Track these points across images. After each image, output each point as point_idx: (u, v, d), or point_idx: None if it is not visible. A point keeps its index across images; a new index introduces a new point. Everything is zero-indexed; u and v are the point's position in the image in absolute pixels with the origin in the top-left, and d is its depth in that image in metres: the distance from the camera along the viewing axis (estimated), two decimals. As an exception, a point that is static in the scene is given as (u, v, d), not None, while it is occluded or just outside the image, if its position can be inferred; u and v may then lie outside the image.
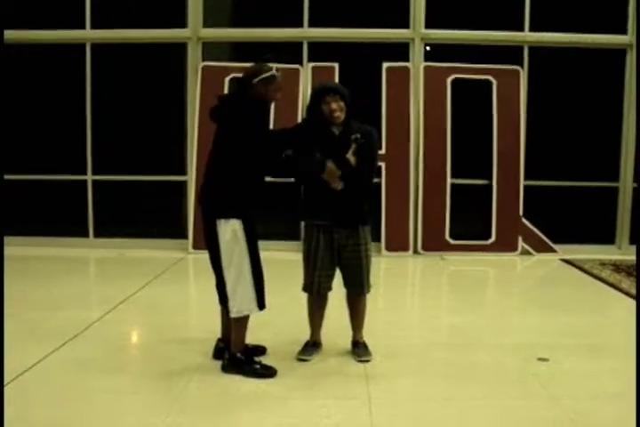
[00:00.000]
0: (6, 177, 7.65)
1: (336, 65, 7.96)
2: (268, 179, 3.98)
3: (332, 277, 4.14)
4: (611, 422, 3.28)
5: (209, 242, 3.87)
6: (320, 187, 3.96)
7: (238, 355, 3.87)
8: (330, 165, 3.84)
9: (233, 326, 3.90)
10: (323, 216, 4.01)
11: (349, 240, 4.04)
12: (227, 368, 3.88)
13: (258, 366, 3.86)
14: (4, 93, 7.84)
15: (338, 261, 4.09)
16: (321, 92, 3.97)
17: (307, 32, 8.17)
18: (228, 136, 3.80)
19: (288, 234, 8.02)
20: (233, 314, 3.83)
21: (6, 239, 7.25)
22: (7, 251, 6.61)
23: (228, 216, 3.73)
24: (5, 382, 3.59)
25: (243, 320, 3.86)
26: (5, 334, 4.12)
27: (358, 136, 3.96)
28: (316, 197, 4.04)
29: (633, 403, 3.17)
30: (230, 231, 3.73)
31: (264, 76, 3.81)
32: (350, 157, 3.90)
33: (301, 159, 3.89)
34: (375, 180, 7.25)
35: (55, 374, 3.87)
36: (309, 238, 4.07)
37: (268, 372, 3.85)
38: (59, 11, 8.34)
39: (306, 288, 4.16)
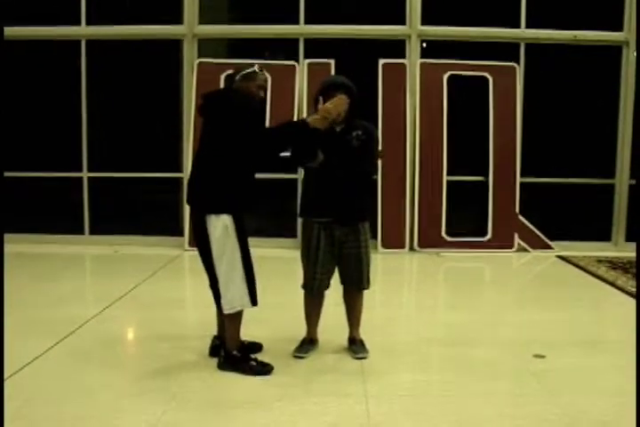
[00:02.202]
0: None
1: (332, 61, 7.96)
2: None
3: (331, 274, 4.13)
4: (608, 418, 3.28)
5: (199, 239, 3.83)
6: (323, 183, 3.96)
7: (234, 352, 3.86)
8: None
9: (226, 323, 3.89)
10: (324, 213, 4.00)
11: (349, 237, 4.03)
12: (223, 366, 3.88)
13: (254, 364, 3.85)
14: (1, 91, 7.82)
15: (337, 257, 4.08)
16: (328, 88, 3.96)
17: (303, 29, 8.15)
18: (214, 131, 3.79)
19: (283, 231, 8.00)
20: (226, 311, 3.80)
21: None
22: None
23: (218, 212, 3.71)
24: (4, 378, 3.58)
25: (236, 317, 3.85)
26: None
27: (359, 133, 3.96)
28: (316, 194, 4.04)
29: (630, 399, 3.17)
30: (221, 226, 3.70)
31: (245, 72, 3.84)
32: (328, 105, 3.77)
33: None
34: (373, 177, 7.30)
35: (52, 370, 3.87)
36: (309, 236, 4.05)
37: (265, 369, 3.84)
38: (54, 7, 8.31)
39: (306, 286, 4.14)
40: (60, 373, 3.83)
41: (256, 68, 3.86)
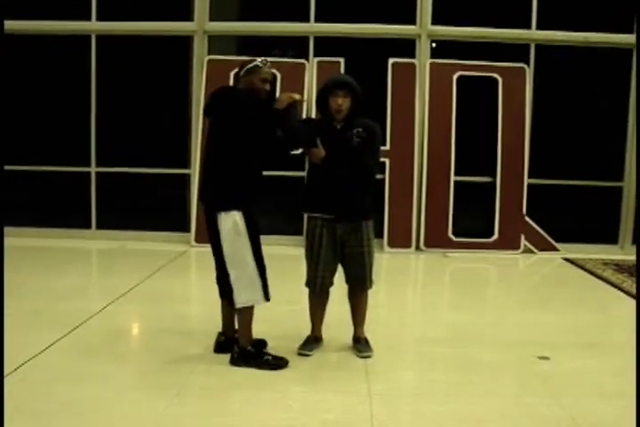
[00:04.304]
0: (11, 168, 7.68)
1: (342, 60, 7.95)
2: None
3: (334, 272, 4.14)
4: (611, 420, 3.28)
5: (211, 236, 3.88)
6: (325, 180, 3.98)
7: (249, 348, 3.88)
8: (319, 148, 3.91)
9: (238, 319, 3.91)
10: (326, 209, 4.01)
11: (352, 235, 4.03)
12: (237, 362, 3.87)
13: (269, 358, 3.87)
14: (10, 85, 7.86)
15: (340, 256, 4.09)
16: (330, 86, 3.98)
17: (313, 27, 8.15)
18: (221, 128, 3.82)
19: (290, 229, 8.01)
20: (238, 305, 3.83)
21: (9, 230, 7.28)
22: (10, 241, 6.62)
23: (228, 209, 3.75)
24: (7, 373, 3.60)
25: (247, 312, 3.87)
26: (7, 324, 4.13)
27: (360, 130, 3.97)
28: (317, 191, 4.05)
29: (632, 402, 3.17)
30: (231, 223, 3.74)
31: (248, 66, 3.87)
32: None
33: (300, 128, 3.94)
34: (379, 176, 7.30)
35: (57, 364, 3.88)
36: (312, 234, 4.07)
37: (280, 362, 3.86)
38: (65, 2, 8.33)
39: (309, 284, 4.15)
40: (64, 366, 3.85)
41: (258, 61, 3.88)
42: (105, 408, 3.27)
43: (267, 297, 3.86)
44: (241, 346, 3.89)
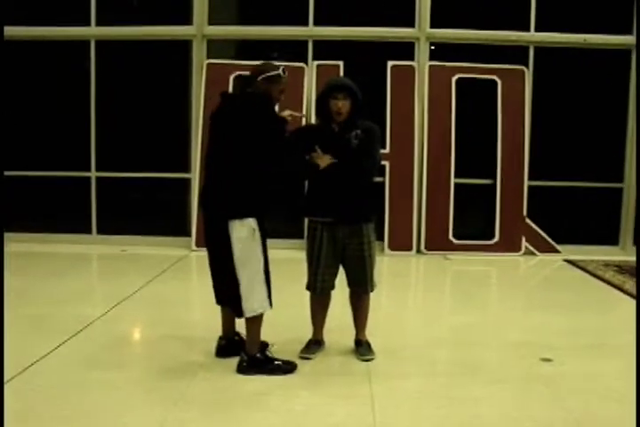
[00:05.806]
0: (11, 173, 7.68)
1: (341, 63, 7.96)
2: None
3: (335, 275, 4.13)
4: (615, 422, 3.28)
5: (217, 244, 3.78)
6: (324, 183, 3.98)
7: (258, 355, 3.84)
8: (315, 154, 3.91)
9: (247, 326, 3.86)
10: (326, 212, 4.00)
11: (353, 238, 4.03)
12: (246, 370, 3.81)
13: (280, 363, 3.86)
14: (11, 91, 7.86)
15: (341, 259, 4.09)
16: (330, 89, 3.97)
17: (312, 30, 8.15)
18: (234, 134, 3.72)
19: (291, 232, 8.01)
20: (248, 314, 3.78)
21: (10, 236, 7.30)
22: (11, 247, 6.64)
23: (243, 216, 3.69)
24: (11, 377, 3.61)
25: (257, 319, 3.83)
26: (9, 330, 4.14)
27: (358, 132, 3.96)
28: (319, 193, 4.05)
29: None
30: (247, 230, 3.68)
31: (269, 74, 3.80)
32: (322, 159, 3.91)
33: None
34: (379, 178, 7.31)
35: (59, 369, 3.88)
36: (313, 236, 4.07)
37: (291, 366, 3.86)
38: (64, 8, 8.34)
39: (309, 287, 4.15)
40: (66, 372, 3.84)
41: (281, 71, 3.82)
42: (107, 415, 3.26)
43: (271, 304, 3.85)
44: (249, 354, 3.84)
